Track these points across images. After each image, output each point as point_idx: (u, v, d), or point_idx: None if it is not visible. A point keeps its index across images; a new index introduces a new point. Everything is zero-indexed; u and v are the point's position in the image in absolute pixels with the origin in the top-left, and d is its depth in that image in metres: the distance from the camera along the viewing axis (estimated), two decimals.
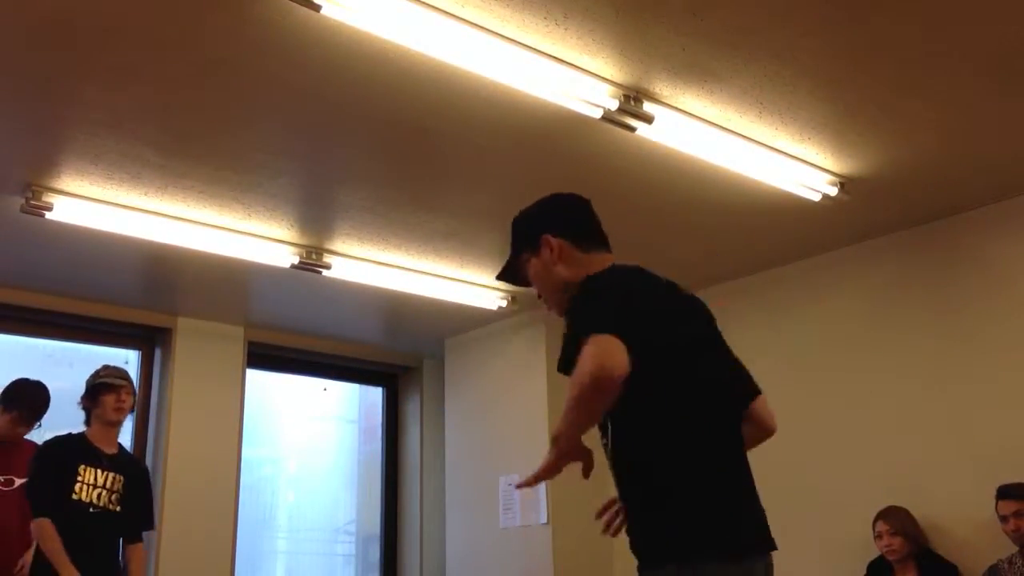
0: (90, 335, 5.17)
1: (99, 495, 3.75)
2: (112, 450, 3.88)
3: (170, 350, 5.25)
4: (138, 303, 5.10)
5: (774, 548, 1.91)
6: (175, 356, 5.22)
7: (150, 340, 5.40)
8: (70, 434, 3.90)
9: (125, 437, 5.14)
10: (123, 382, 3.87)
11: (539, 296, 2.17)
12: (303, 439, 6.38)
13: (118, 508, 3.81)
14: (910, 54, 2.96)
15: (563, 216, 2.16)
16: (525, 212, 2.23)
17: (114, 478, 3.80)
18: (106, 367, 3.94)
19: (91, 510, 3.73)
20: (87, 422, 3.87)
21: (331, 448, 6.47)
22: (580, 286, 1.95)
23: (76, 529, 3.67)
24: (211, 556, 5.08)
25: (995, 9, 2.75)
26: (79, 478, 3.71)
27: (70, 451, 3.78)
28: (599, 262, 2.07)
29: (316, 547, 6.28)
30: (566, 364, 1.80)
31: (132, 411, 3.97)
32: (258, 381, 5.73)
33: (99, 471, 3.77)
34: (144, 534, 4.06)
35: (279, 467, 6.32)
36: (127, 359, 5.39)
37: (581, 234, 2.12)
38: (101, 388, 3.83)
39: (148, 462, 5.17)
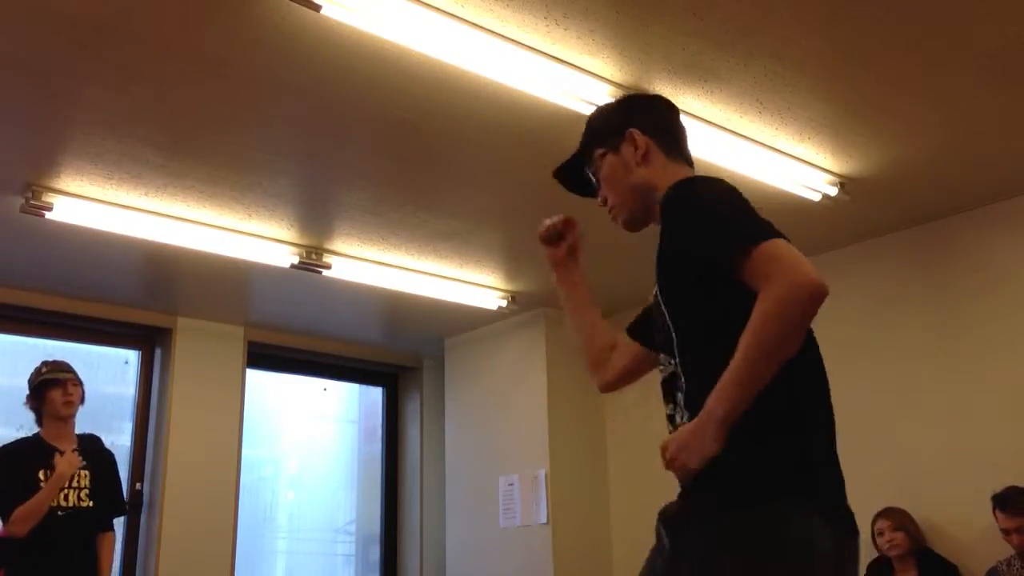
0: (90, 335, 5.17)
1: (66, 496, 3.66)
2: (69, 446, 3.76)
3: (170, 350, 5.25)
4: (138, 303, 5.10)
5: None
6: (175, 356, 5.22)
7: (150, 340, 5.40)
8: (24, 438, 3.82)
9: (125, 437, 5.15)
10: (67, 375, 3.78)
11: (603, 203, 1.90)
12: (303, 439, 6.38)
13: (90, 503, 3.73)
14: (910, 54, 2.96)
15: (653, 114, 1.91)
16: (605, 105, 2.00)
17: (79, 474, 3.71)
18: (46, 363, 3.84)
19: (59, 513, 3.63)
20: (38, 422, 3.79)
21: (331, 448, 6.47)
22: (676, 191, 1.69)
23: (47, 536, 3.60)
24: (211, 556, 5.08)
25: (995, 9, 2.75)
26: (41, 486, 3.61)
27: (26, 458, 3.68)
28: (681, 174, 1.81)
29: (316, 547, 6.28)
30: (728, 247, 1.53)
31: (82, 403, 3.85)
32: (258, 381, 5.73)
33: None
34: (116, 520, 3.99)
35: (279, 467, 6.32)
36: (127, 359, 5.39)
37: (669, 139, 1.87)
38: (46, 385, 3.74)
39: (148, 462, 5.18)
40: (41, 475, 3.65)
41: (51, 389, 3.75)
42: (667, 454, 1.53)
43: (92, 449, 3.89)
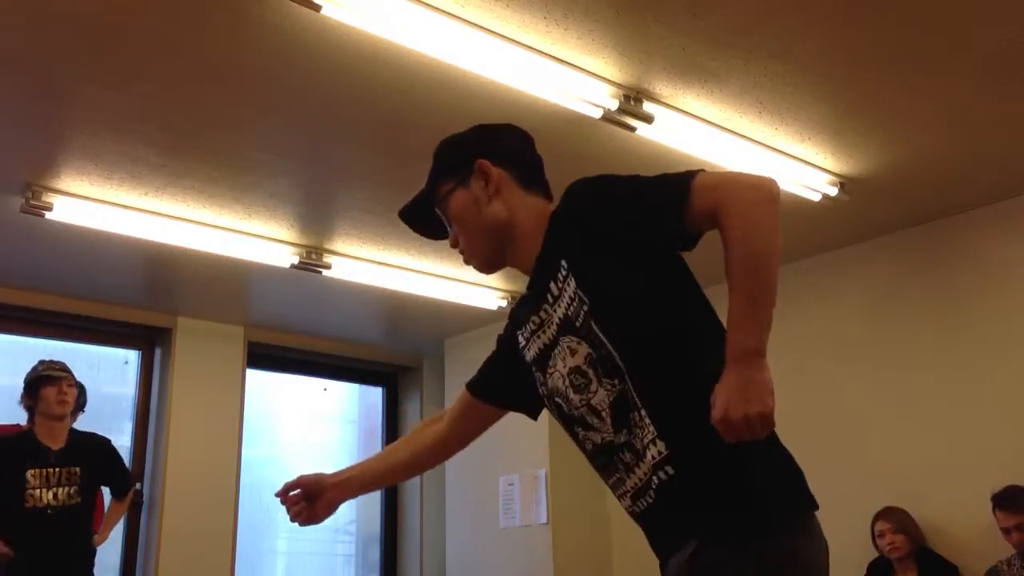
0: (90, 335, 5.17)
1: (55, 494, 3.68)
2: (59, 445, 3.78)
3: (170, 350, 5.24)
4: (138, 303, 5.10)
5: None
6: (175, 356, 5.22)
7: (150, 340, 5.40)
8: (14, 434, 3.84)
9: (125, 437, 5.15)
10: (63, 374, 3.81)
11: (454, 243, 1.74)
12: (303, 439, 6.38)
13: (79, 499, 3.75)
14: (910, 54, 2.96)
15: (503, 142, 1.73)
16: (451, 136, 1.78)
17: (67, 472, 3.73)
18: (42, 362, 3.86)
19: (49, 511, 3.65)
20: (31, 420, 3.80)
21: (331, 448, 6.46)
22: (571, 195, 1.56)
23: (37, 536, 3.62)
24: (211, 556, 5.07)
25: (995, 9, 2.75)
26: (28, 484, 3.63)
27: (15, 453, 3.70)
28: (542, 209, 1.65)
29: (316, 547, 6.27)
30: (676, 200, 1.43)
31: (82, 410, 3.89)
32: (258, 381, 5.73)
33: (50, 470, 3.70)
34: (138, 493, 4.20)
35: (279, 467, 6.32)
36: (127, 359, 5.39)
37: (524, 169, 1.69)
38: (41, 382, 3.76)
39: (148, 462, 5.18)
40: (30, 475, 3.65)
41: (45, 387, 3.76)
42: (736, 417, 1.32)
43: (83, 446, 3.90)
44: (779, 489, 1.44)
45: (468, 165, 1.66)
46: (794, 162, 3.61)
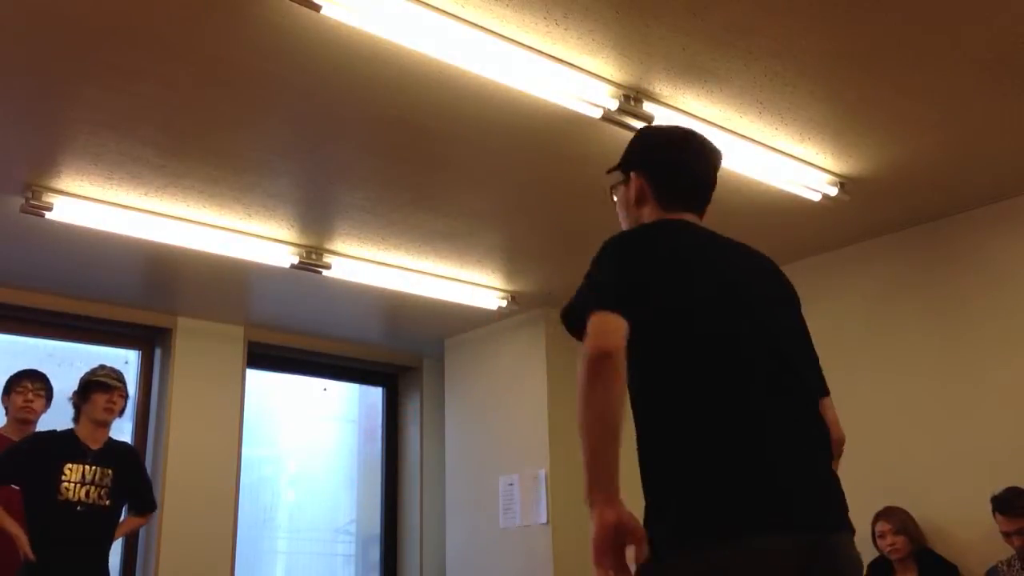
0: (90, 335, 5.17)
1: (87, 492, 3.72)
2: (98, 446, 3.84)
3: (170, 350, 5.25)
4: (138, 303, 5.11)
5: (830, 526, 1.69)
6: (175, 356, 5.22)
7: (150, 340, 5.40)
8: (57, 430, 3.88)
9: (126, 437, 5.15)
10: (118, 384, 3.86)
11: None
12: (303, 439, 6.38)
13: (107, 502, 3.78)
14: (910, 54, 2.96)
15: (658, 154, 1.98)
16: (642, 133, 2.08)
17: (101, 472, 3.78)
18: (103, 367, 3.92)
19: (79, 508, 3.69)
20: (76, 419, 3.86)
21: (331, 448, 6.47)
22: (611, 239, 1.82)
23: (63, 530, 3.65)
24: (211, 556, 5.08)
25: (995, 8, 2.75)
26: (64, 477, 3.68)
27: (56, 447, 3.75)
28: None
29: (316, 547, 6.28)
30: (568, 318, 1.73)
31: (121, 415, 3.95)
32: (258, 381, 5.73)
33: (85, 467, 3.75)
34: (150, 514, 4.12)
35: (279, 467, 6.32)
36: (127, 359, 5.39)
37: (668, 188, 1.93)
38: (94, 386, 3.82)
39: (148, 462, 5.17)
40: (67, 469, 3.71)
41: (97, 392, 3.82)
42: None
43: (119, 452, 3.97)
44: (696, 507, 1.59)
45: (629, 170, 1.96)
46: (794, 162, 3.61)
